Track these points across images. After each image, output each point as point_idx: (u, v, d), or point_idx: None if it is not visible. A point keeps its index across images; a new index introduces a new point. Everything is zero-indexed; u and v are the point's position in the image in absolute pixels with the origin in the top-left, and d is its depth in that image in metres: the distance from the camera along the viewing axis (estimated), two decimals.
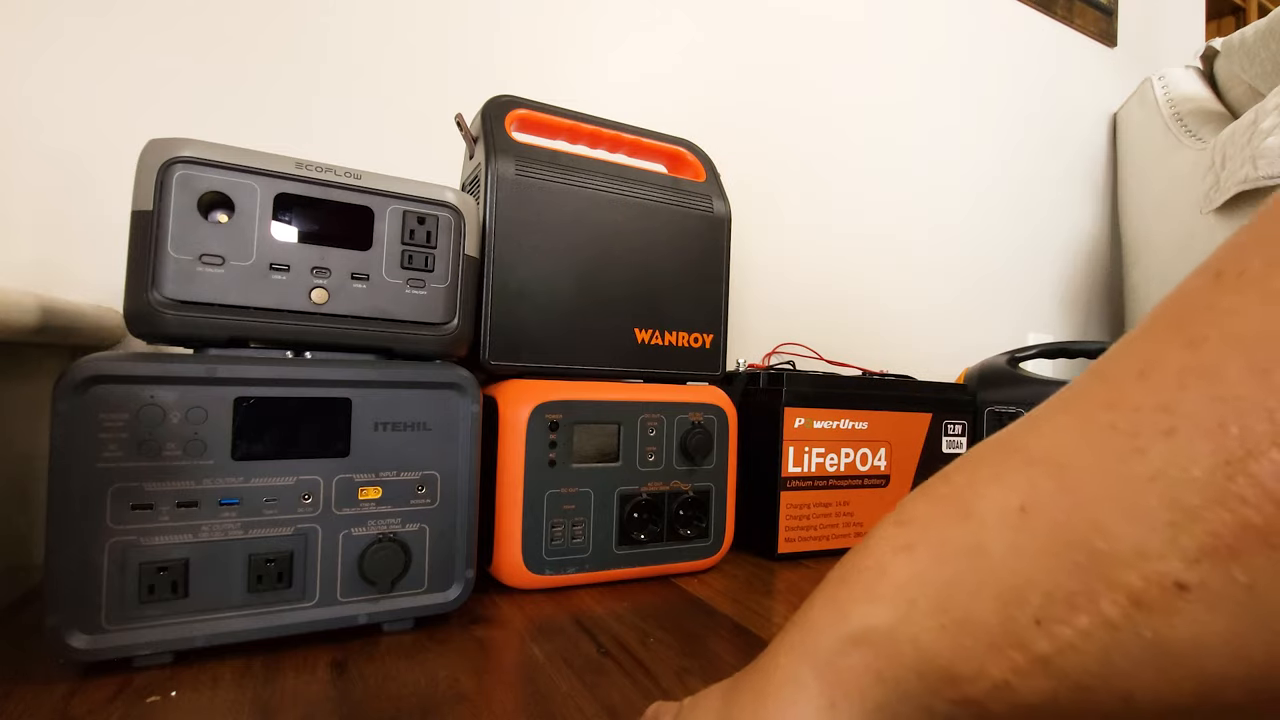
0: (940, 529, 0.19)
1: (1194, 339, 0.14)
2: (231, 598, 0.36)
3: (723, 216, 0.59)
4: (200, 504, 0.35)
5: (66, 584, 0.32)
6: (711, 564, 0.56)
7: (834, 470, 0.63)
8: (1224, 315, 0.14)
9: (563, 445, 0.49)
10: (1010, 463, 0.18)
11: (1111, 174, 1.35)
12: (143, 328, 0.36)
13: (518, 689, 0.34)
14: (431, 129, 0.72)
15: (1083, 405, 0.17)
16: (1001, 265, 1.19)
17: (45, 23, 0.57)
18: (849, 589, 0.20)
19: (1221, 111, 1.13)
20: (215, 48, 0.63)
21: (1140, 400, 0.15)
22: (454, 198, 0.43)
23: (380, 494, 0.40)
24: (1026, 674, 0.16)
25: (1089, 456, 0.15)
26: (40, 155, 0.57)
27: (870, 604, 0.19)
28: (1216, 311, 0.14)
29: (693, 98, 0.89)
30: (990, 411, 0.76)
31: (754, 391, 0.63)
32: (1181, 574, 0.13)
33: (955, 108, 1.13)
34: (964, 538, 0.18)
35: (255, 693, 0.33)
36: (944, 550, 0.18)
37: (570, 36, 0.81)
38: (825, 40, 1.00)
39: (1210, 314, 0.14)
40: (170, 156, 0.36)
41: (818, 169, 0.99)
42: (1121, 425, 0.15)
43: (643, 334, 0.55)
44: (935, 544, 0.18)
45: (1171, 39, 1.47)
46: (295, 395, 0.38)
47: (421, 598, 0.41)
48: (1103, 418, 0.15)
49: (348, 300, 0.40)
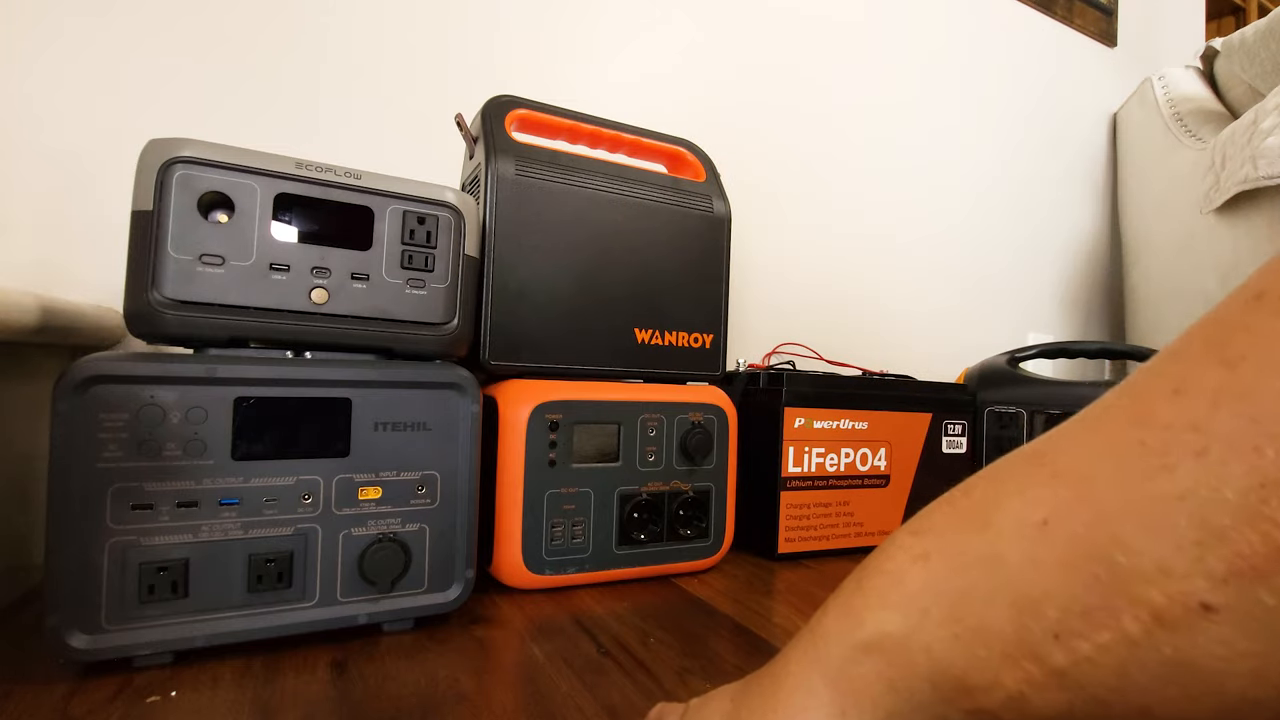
0: (957, 538, 0.18)
1: (1230, 359, 0.14)
2: (231, 598, 0.36)
3: (723, 216, 0.59)
4: (200, 504, 0.35)
5: (66, 584, 0.32)
6: (711, 564, 0.56)
7: (834, 470, 0.63)
8: (1263, 337, 0.14)
9: (563, 445, 0.49)
10: (1035, 476, 0.17)
11: (1111, 174, 1.35)
12: (143, 328, 0.36)
13: (518, 689, 0.34)
14: (431, 129, 0.72)
15: (1111, 421, 0.16)
16: (1001, 265, 1.19)
17: (46, 22, 0.57)
18: (863, 596, 0.20)
19: (1221, 111, 1.13)
20: (215, 48, 0.63)
21: (1171, 418, 0.15)
22: (454, 198, 0.43)
23: (380, 494, 0.40)
24: (1042, 686, 0.16)
25: (1114, 472, 0.15)
26: (40, 155, 0.57)
27: (883, 611, 0.19)
28: (1255, 333, 0.14)
29: (693, 98, 0.89)
30: (990, 411, 0.76)
31: (754, 391, 0.63)
32: (1207, 594, 0.13)
33: (955, 108, 1.13)
34: (981, 547, 0.17)
35: (255, 693, 0.33)
36: (960, 559, 0.18)
37: (570, 36, 0.81)
38: (825, 40, 1.00)
39: (1248, 335, 0.14)
40: (170, 156, 0.36)
41: (818, 169, 0.99)
42: (1150, 442, 0.15)
43: (643, 334, 0.55)
44: (951, 553, 0.18)
45: (1171, 39, 1.46)
46: (295, 395, 0.38)
47: (421, 598, 0.41)
48: (1131, 434, 0.15)
49: (348, 300, 0.40)
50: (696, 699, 0.26)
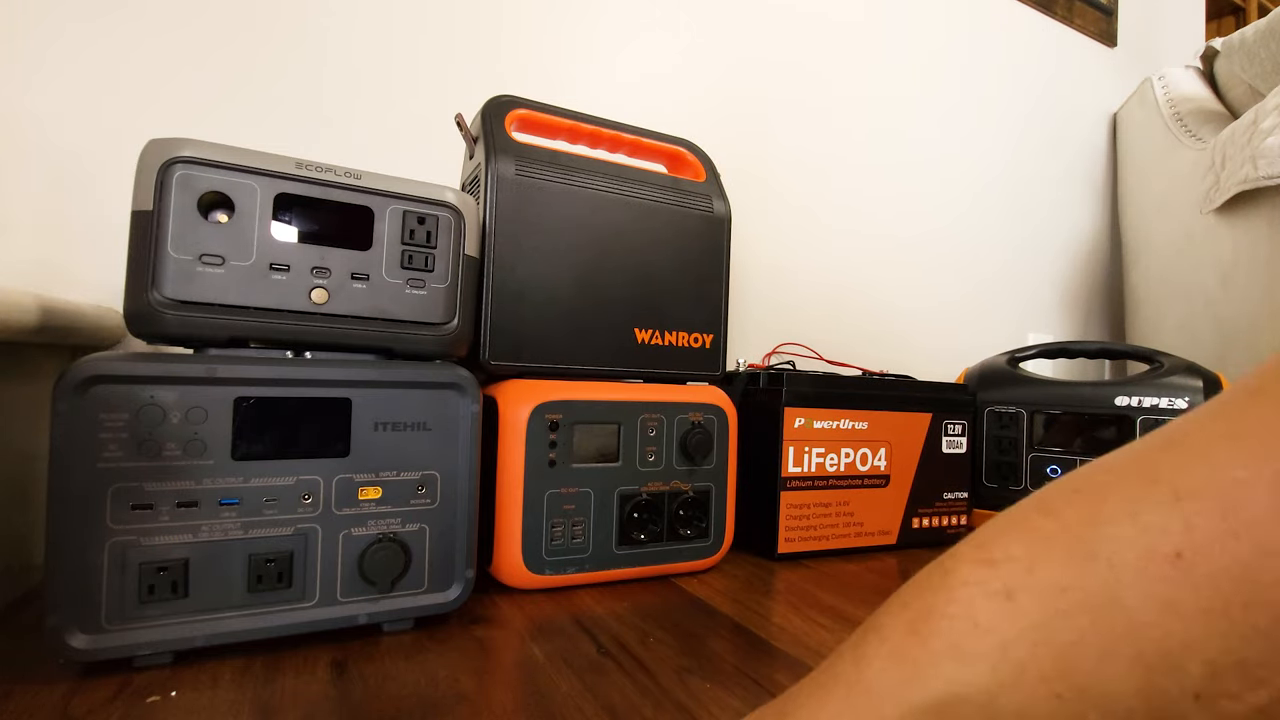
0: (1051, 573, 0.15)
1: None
2: (231, 598, 0.36)
3: (723, 216, 0.59)
4: (200, 504, 0.35)
5: (66, 584, 0.32)
6: (711, 564, 0.56)
7: (834, 470, 0.63)
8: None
9: (563, 445, 0.49)
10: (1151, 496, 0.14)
11: (1111, 174, 1.35)
12: (143, 328, 0.36)
13: (518, 689, 0.34)
14: (432, 129, 0.72)
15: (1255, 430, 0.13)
16: (1001, 265, 1.19)
17: (47, 23, 0.57)
18: (923, 642, 0.16)
19: (1221, 111, 1.13)
20: (216, 48, 0.63)
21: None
22: (454, 198, 0.43)
23: (380, 494, 0.40)
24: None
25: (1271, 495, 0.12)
26: (40, 155, 0.57)
27: (956, 665, 0.15)
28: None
29: (693, 98, 0.89)
30: (990, 411, 0.76)
31: (754, 391, 0.63)
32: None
33: (955, 108, 1.13)
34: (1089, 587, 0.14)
35: (255, 693, 0.33)
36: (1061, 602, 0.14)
37: (571, 36, 0.81)
38: (825, 40, 1.00)
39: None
40: (170, 156, 0.36)
41: (818, 170, 0.99)
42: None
43: (643, 334, 0.55)
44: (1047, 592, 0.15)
45: (1171, 39, 1.46)
46: (295, 395, 0.38)
47: (421, 598, 0.41)
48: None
49: (348, 300, 0.40)
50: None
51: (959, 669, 0.15)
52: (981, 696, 0.15)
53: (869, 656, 0.17)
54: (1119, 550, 0.14)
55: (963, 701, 0.15)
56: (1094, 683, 0.14)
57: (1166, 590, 0.13)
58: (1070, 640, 0.14)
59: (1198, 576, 0.13)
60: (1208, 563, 0.13)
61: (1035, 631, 0.15)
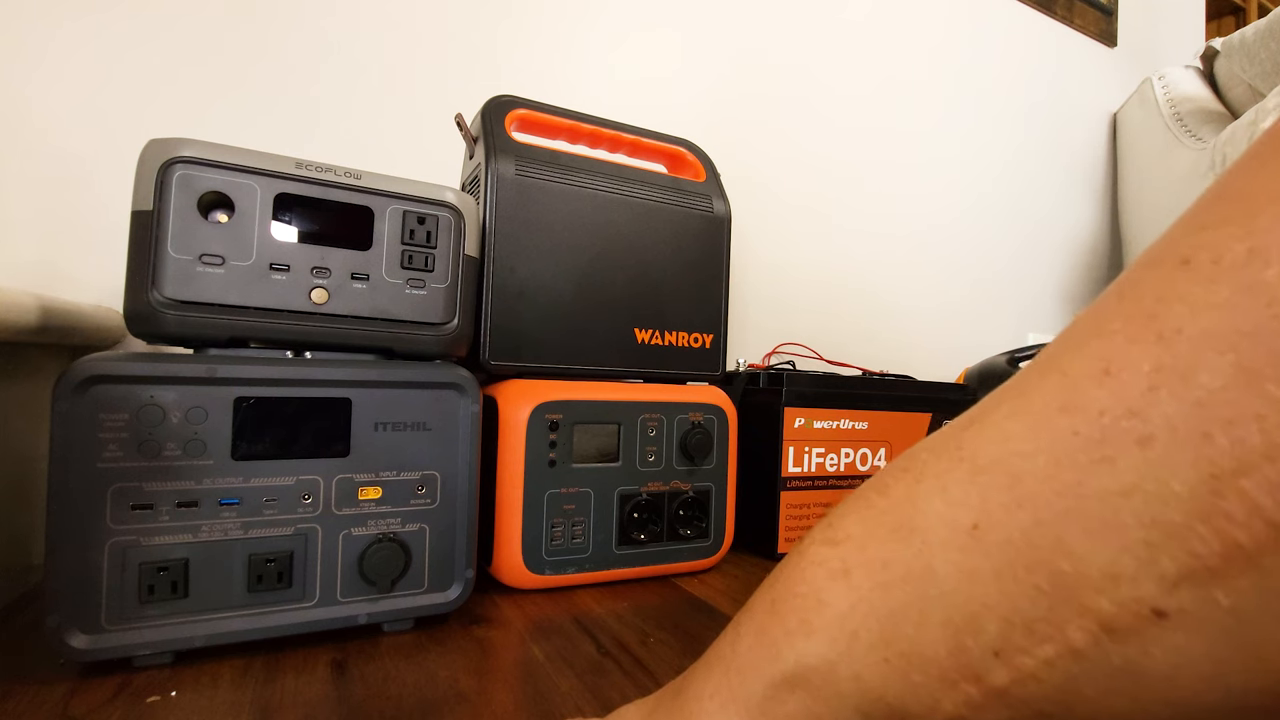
0: (879, 549, 0.17)
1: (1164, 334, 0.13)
2: (231, 598, 0.36)
3: (723, 216, 0.59)
4: (200, 504, 0.35)
5: (66, 584, 0.32)
6: (711, 564, 0.56)
7: (834, 470, 0.63)
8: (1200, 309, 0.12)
9: (563, 445, 0.49)
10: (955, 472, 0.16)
11: (1111, 174, 1.35)
12: (143, 328, 0.36)
13: (518, 689, 0.34)
14: (432, 129, 0.72)
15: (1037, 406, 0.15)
16: (1001, 265, 1.19)
17: (46, 22, 0.57)
18: (779, 622, 0.18)
19: (1221, 111, 1.13)
20: (216, 49, 0.63)
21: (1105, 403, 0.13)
22: (454, 198, 0.43)
23: (380, 494, 0.40)
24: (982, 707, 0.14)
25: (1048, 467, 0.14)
26: (40, 155, 0.57)
27: (804, 640, 0.17)
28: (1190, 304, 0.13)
29: (693, 98, 0.89)
30: None
31: (754, 391, 0.63)
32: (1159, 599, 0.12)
33: (955, 107, 1.13)
34: (907, 560, 0.16)
35: (255, 693, 0.33)
36: (885, 575, 0.16)
37: (570, 36, 0.81)
38: (825, 41, 1.00)
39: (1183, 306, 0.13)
40: (170, 156, 0.36)
41: (818, 170, 0.99)
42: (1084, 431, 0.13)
43: (643, 334, 0.55)
44: (874, 567, 0.16)
45: (1171, 39, 1.47)
46: (295, 395, 0.38)
47: (421, 598, 0.41)
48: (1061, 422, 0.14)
49: (348, 300, 0.40)
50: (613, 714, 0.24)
51: (806, 643, 0.17)
52: (824, 666, 0.17)
53: (741, 635, 0.19)
54: (931, 525, 0.15)
55: (811, 671, 0.17)
56: (913, 647, 0.15)
57: (966, 559, 0.15)
58: (892, 609, 0.16)
59: (989, 544, 0.14)
60: (997, 532, 0.14)
61: (865, 604, 0.16)
